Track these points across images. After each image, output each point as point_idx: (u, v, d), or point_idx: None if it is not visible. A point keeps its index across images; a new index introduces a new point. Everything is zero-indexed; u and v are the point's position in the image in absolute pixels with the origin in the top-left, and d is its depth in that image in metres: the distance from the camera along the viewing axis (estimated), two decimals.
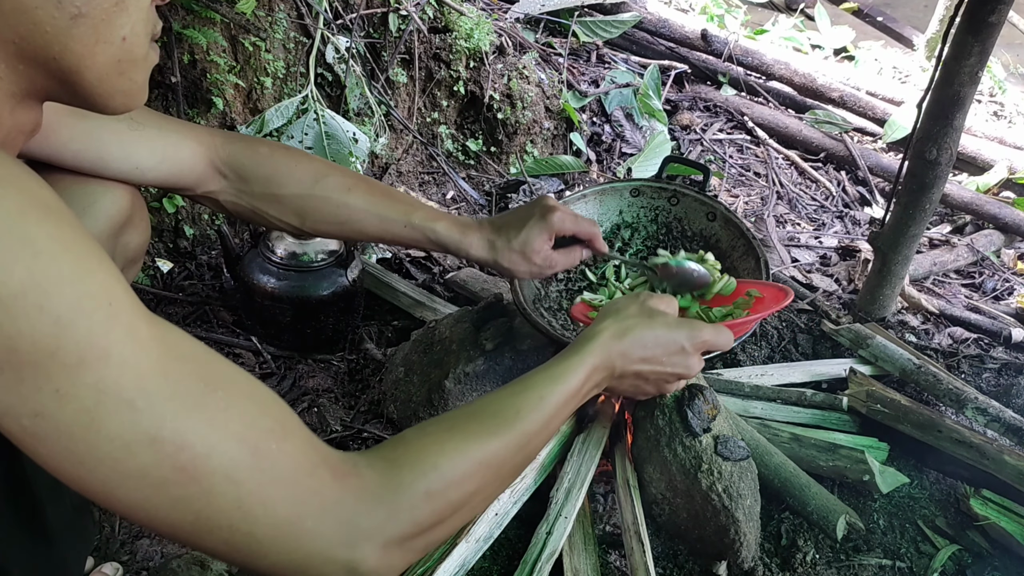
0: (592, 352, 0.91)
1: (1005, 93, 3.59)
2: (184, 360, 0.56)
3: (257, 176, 1.08)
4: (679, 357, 0.99)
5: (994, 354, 1.99)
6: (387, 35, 2.23)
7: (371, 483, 0.64)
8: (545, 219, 1.19)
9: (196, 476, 0.54)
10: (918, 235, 1.92)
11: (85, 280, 0.51)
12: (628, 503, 1.32)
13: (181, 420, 0.54)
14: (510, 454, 0.76)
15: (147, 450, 0.52)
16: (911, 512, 1.49)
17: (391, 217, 1.14)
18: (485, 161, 2.55)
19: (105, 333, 0.51)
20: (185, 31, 1.74)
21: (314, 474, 0.61)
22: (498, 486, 0.77)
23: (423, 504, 0.66)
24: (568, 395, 0.85)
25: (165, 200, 1.85)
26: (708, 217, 1.56)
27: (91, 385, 0.50)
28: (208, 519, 0.56)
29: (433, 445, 0.71)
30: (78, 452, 0.51)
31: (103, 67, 0.62)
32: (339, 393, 1.67)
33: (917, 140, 1.82)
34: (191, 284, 1.88)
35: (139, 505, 0.54)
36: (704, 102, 3.14)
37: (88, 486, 0.53)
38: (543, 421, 0.81)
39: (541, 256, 1.21)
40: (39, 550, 0.81)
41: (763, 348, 1.89)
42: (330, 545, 0.61)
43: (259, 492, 0.57)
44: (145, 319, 0.55)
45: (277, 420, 0.61)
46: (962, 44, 1.67)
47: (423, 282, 2.01)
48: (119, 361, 0.51)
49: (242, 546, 0.58)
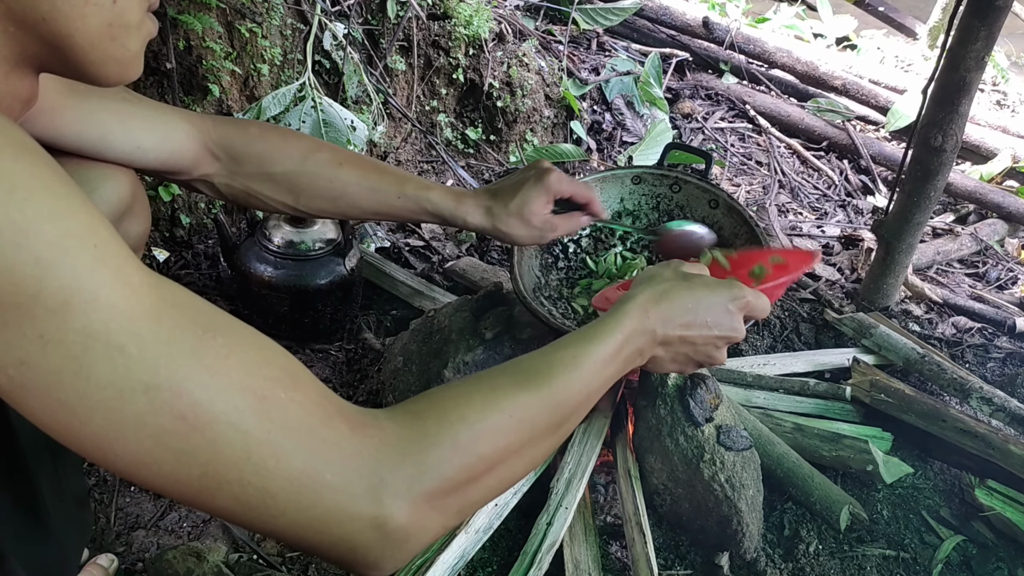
0: (629, 314, 0.86)
1: (1008, 82, 3.57)
2: (180, 307, 0.53)
3: (249, 155, 1.07)
4: (724, 318, 0.92)
5: (998, 343, 1.97)
6: (385, 21, 2.21)
7: (393, 435, 0.60)
8: (541, 180, 1.16)
9: (198, 425, 0.51)
10: (922, 223, 1.90)
11: (67, 219, 0.48)
12: (629, 493, 1.31)
13: (178, 366, 0.51)
14: (544, 411, 0.71)
15: (142, 397, 0.49)
16: (915, 502, 1.48)
17: (384, 189, 1.12)
18: (484, 150, 2.53)
19: (91, 275, 0.48)
20: (180, 17, 1.72)
21: (329, 424, 0.57)
22: (533, 448, 0.71)
23: (452, 456, 0.61)
24: (605, 357, 0.80)
25: (161, 188, 1.83)
26: (710, 205, 1.54)
27: (78, 330, 0.48)
28: (216, 473, 0.52)
29: (460, 397, 0.66)
30: (68, 402, 0.48)
31: (94, 31, 0.60)
32: (337, 383, 1.65)
33: (922, 127, 1.80)
34: (188, 273, 1.87)
35: (140, 460, 0.51)
36: (705, 90, 3.12)
37: (84, 441, 0.50)
38: (578, 381, 0.76)
39: (540, 219, 1.17)
40: (38, 540, 0.80)
41: (766, 337, 1.87)
42: (353, 500, 0.56)
43: (270, 442, 0.53)
44: (136, 266, 0.52)
45: (285, 370, 0.57)
46: (968, 29, 1.65)
47: (422, 271, 2.00)
48: (108, 304, 0.49)
49: (256, 503, 0.54)
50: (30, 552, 0.79)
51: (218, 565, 1.19)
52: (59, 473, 0.87)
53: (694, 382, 1.30)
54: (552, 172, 1.17)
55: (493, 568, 1.28)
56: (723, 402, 1.33)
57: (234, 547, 1.28)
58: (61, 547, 0.85)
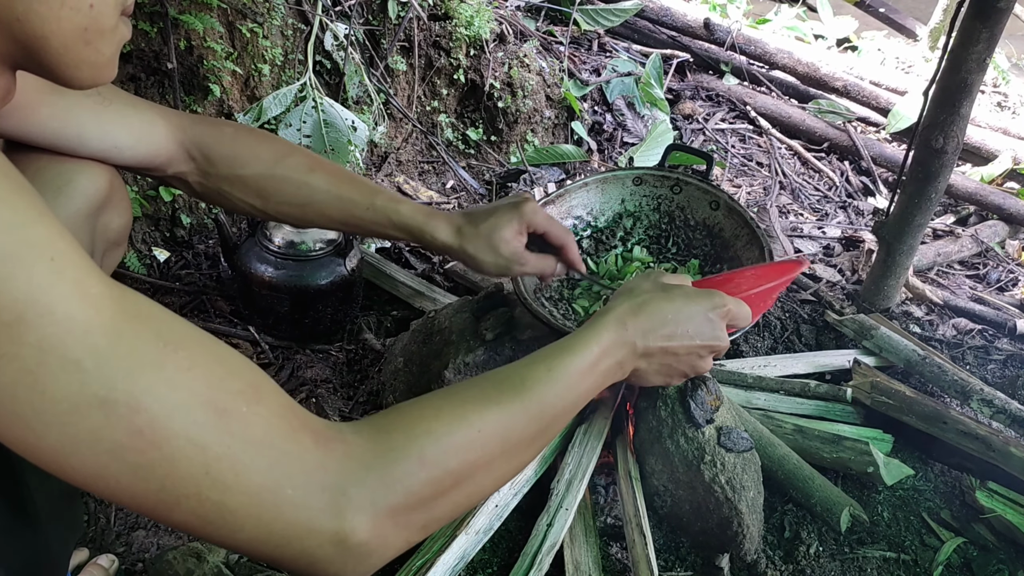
0: (606, 327, 0.85)
1: (1009, 84, 3.57)
2: (141, 319, 0.53)
3: (222, 156, 1.06)
4: (706, 327, 0.92)
5: (999, 345, 1.97)
6: (386, 22, 2.21)
7: (358, 448, 0.59)
8: (517, 208, 1.14)
9: (155, 441, 0.50)
10: (923, 225, 1.90)
11: (22, 230, 0.48)
12: (630, 495, 1.31)
13: (136, 381, 0.50)
14: (516, 425, 0.70)
15: (97, 412, 0.49)
16: (916, 504, 1.48)
17: (353, 199, 1.10)
18: (485, 150, 2.53)
19: (47, 288, 0.48)
20: (181, 17, 1.72)
21: (293, 438, 0.56)
22: (506, 462, 0.70)
23: (417, 471, 0.60)
24: (581, 370, 0.79)
25: (162, 188, 1.83)
26: (711, 206, 1.54)
27: (33, 344, 0.47)
28: (174, 488, 0.52)
29: (427, 411, 0.65)
30: (24, 416, 0.48)
31: (68, 34, 0.60)
32: (337, 384, 1.65)
33: (923, 128, 1.80)
34: (188, 273, 1.86)
35: (97, 474, 0.51)
36: (706, 91, 3.12)
37: (40, 454, 0.50)
38: (552, 394, 0.75)
39: (509, 248, 1.13)
40: (23, 534, 0.80)
41: (766, 339, 1.87)
42: (314, 515, 0.55)
43: (229, 457, 0.53)
44: (97, 277, 0.51)
45: (248, 383, 0.56)
46: (970, 30, 1.65)
47: (422, 272, 1.99)
48: (64, 318, 0.48)
49: (214, 518, 0.53)
50: (15, 545, 0.79)
51: (218, 566, 1.19)
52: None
53: (695, 384, 1.30)
54: (528, 202, 1.15)
55: (493, 569, 1.28)
56: (724, 403, 1.32)
57: None
58: (48, 541, 0.84)
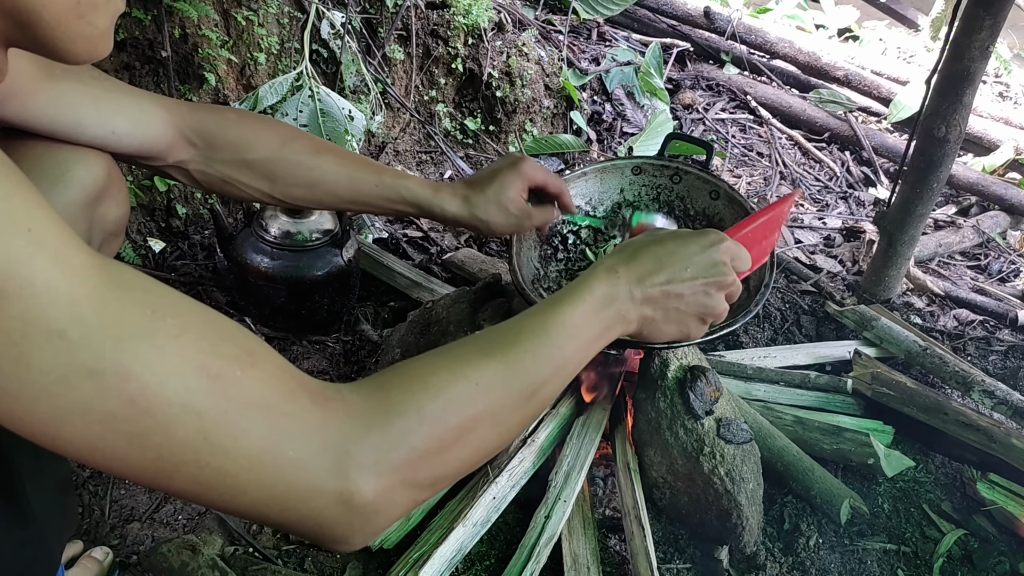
0: (596, 276, 0.82)
1: (1011, 74, 3.54)
2: (127, 288, 0.52)
3: (226, 141, 1.06)
4: (705, 264, 0.87)
5: (1000, 336, 1.96)
6: (383, 10, 2.19)
7: (358, 407, 0.58)
8: (517, 167, 1.18)
9: (149, 408, 0.50)
10: (925, 215, 1.88)
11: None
12: (628, 487, 1.30)
13: (124, 349, 0.49)
14: (512, 378, 0.69)
15: (87, 383, 0.48)
16: (916, 496, 1.47)
17: (362, 177, 1.12)
18: (484, 140, 2.51)
19: (26, 260, 0.47)
20: (176, 4, 1.70)
21: (291, 400, 0.55)
22: (505, 418, 0.69)
23: (418, 425, 0.60)
24: (575, 322, 0.77)
25: (157, 178, 1.81)
26: (711, 196, 1.52)
27: (15, 316, 0.46)
28: (172, 455, 0.51)
29: (425, 367, 0.65)
30: (11, 390, 0.47)
31: (61, 7, 0.59)
32: (334, 375, 1.64)
33: (925, 117, 1.78)
34: (184, 264, 1.85)
35: (91, 445, 0.50)
36: (706, 81, 3.10)
37: (32, 428, 0.49)
38: (546, 346, 0.73)
39: (517, 206, 1.18)
40: (17, 523, 0.79)
41: (766, 330, 1.86)
42: (317, 475, 0.55)
43: (226, 422, 0.52)
44: (78, 247, 0.50)
45: (242, 347, 0.55)
46: (973, 18, 1.63)
47: (420, 262, 1.98)
48: (46, 289, 0.47)
49: (215, 483, 0.53)
50: (8, 538, 0.78)
51: (213, 558, 1.18)
52: (39, 456, 0.85)
53: (694, 374, 1.29)
54: (526, 160, 1.20)
55: (491, 562, 1.27)
56: (723, 395, 1.31)
57: (229, 540, 1.27)
58: (42, 531, 0.84)
